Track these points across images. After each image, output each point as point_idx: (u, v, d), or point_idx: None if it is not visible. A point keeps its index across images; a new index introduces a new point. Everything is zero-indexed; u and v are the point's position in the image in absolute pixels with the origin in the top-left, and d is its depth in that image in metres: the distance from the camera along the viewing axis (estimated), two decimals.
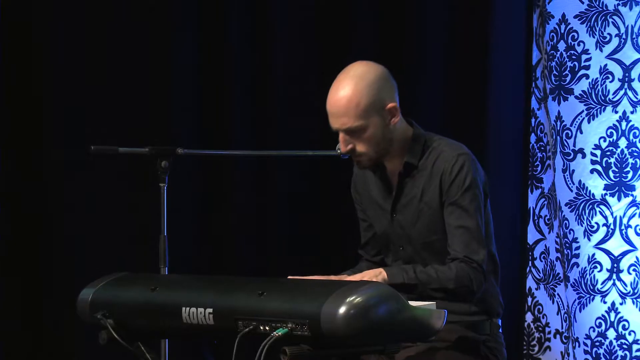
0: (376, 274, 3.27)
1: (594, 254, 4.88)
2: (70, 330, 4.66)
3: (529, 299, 5.11)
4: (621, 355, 4.81)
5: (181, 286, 3.10)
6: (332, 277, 3.40)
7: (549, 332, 5.06)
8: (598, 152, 4.88)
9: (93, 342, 3.19)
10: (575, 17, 4.93)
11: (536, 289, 5.10)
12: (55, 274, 4.77)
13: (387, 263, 3.56)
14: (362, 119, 3.34)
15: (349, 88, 3.34)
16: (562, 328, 5.01)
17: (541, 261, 5.08)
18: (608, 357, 4.85)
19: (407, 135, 3.46)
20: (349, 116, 3.33)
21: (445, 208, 3.39)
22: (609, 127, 4.85)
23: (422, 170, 3.44)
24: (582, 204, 4.92)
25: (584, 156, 4.91)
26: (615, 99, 4.84)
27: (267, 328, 2.77)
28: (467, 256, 3.33)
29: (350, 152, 3.39)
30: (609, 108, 4.85)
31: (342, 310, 2.67)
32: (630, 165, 4.80)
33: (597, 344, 4.87)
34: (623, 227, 4.81)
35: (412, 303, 2.90)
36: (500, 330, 3.55)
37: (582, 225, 4.91)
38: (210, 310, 2.88)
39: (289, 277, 3.24)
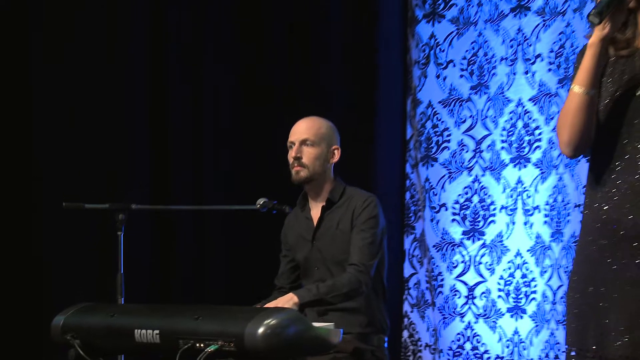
0: (288, 299, 3.32)
1: (454, 285, 4.94)
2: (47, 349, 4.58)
3: (405, 320, 5.12)
4: None
5: (134, 313, 3.00)
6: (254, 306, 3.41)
7: (421, 346, 5.07)
8: (457, 206, 4.95)
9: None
10: (439, 102, 5.01)
11: (411, 312, 5.12)
12: (34, 304, 4.70)
13: (304, 285, 3.62)
14: (317, 138, 3.57)
15: (316, 120, 3.62)
16: (430, 342, 5.05)
17: (414, 290, 5.12)
18: None
19: (332, 180, 3.64)
20: (309, 133, 3.57)
21: (352, 231, 3.52)
22: (465, 187, 4.93)
23: (340, 207, 3.59)
24: (446, 246, 4.98)
25: (446, 209, 4.98)
26: (469, 165, 4.92)
27: (202, 345, 2.69)
28: (358, 261, 3.42)
29: (297, 160, 3.55)
30: (465, 172, 4.94)
31: (260, 330, 2.63)
32: (481, 216, 4.88)
33: (457, 354, 4.90)
34: (476, 264, 4.89)
35: (315, 324, 2.91)
36: (386, 345, 3.60)
37: (445, 262, 4.96)
38: (157, 331, 2.81)
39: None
